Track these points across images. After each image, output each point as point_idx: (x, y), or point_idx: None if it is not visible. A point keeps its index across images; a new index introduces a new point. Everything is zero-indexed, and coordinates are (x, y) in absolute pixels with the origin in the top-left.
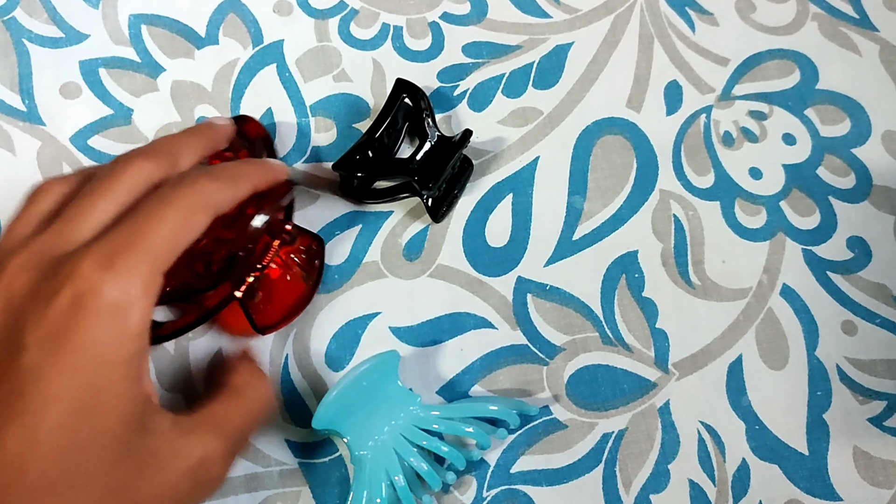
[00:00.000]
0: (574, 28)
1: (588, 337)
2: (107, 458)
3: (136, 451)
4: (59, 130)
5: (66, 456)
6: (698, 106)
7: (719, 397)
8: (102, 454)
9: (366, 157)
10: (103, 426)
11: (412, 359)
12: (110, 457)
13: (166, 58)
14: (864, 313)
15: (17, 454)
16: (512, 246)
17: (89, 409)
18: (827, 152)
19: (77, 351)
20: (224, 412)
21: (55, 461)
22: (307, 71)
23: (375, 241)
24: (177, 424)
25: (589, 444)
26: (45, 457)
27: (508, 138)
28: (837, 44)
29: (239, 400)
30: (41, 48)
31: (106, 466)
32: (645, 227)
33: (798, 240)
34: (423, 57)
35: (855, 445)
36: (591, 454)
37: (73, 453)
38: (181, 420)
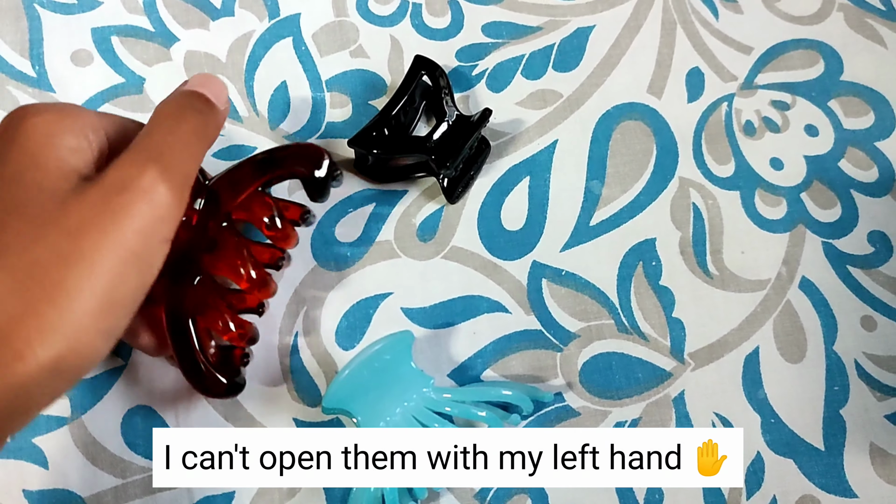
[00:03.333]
0: (596, 11)
1: (603, 324)
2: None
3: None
4: (69, 98)
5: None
6: (720, 94)
7: (735, 389)
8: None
9: (382, 134)
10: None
11: (424, 341)
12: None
13: (180, 28)
14: (883, 309)
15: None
16: (528, 230)
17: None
18: (850, 145)
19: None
20: (161, 139)
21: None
22: (323, 46)
23: (389, 220)
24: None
25: None
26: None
27: (527, 120)
28: (863, 35)
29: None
30: (53, 14)
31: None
32: (663, 214)
33: (818, 232)
34: (442, 35)
35: (872, 442)
36: None
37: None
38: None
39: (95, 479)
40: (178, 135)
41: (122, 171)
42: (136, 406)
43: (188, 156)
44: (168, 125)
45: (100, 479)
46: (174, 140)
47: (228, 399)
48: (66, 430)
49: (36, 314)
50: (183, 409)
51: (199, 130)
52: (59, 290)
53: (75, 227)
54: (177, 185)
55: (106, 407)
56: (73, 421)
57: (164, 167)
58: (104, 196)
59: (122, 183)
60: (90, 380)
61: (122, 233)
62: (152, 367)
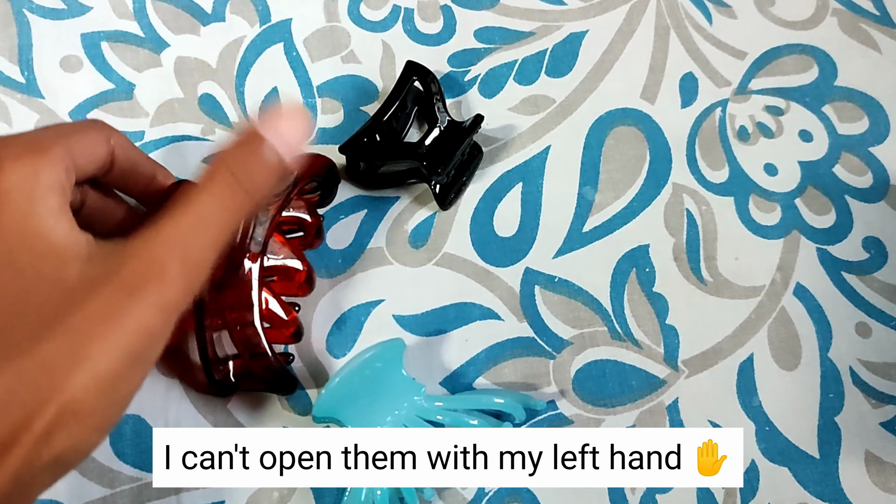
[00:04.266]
0: (589, 16)
1: (596, 331)
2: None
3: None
4: (59, 104)
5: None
6: (714, 99)
7: (729, 397)
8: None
9: (373, 140)
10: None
11: (416, 348)
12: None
13: (171, 33)
14: (878, 315)
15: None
16: (520, 236)
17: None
18: (844, 150)
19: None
20: (187, 229)
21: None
22: (315, 51)
23: (381, 226)
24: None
25: None
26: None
27: (519, 126)
28: (857, 40)
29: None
30: (42, 19)
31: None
32: (657, 220)
33: (813, 238)
34: (434, 40)
35: (867, 450)
36: None
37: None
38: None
39: (83, 490)
40: (207, 225)
41: (136, 265)
42: (125, 415)
43: (211, 248)
44: (199, 211)
45: (87, 490)
46: (202, 230)
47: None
48: None
49: (41, 416)
50: (173, 418)
51: (234, 217)
52: (64, 393)
53: (84, 328)
54: (192, 283)
55: None
56: None
57: (184, 263)
58: (115, 295)
59: (134, 281)
60: None
61: (130, 336)
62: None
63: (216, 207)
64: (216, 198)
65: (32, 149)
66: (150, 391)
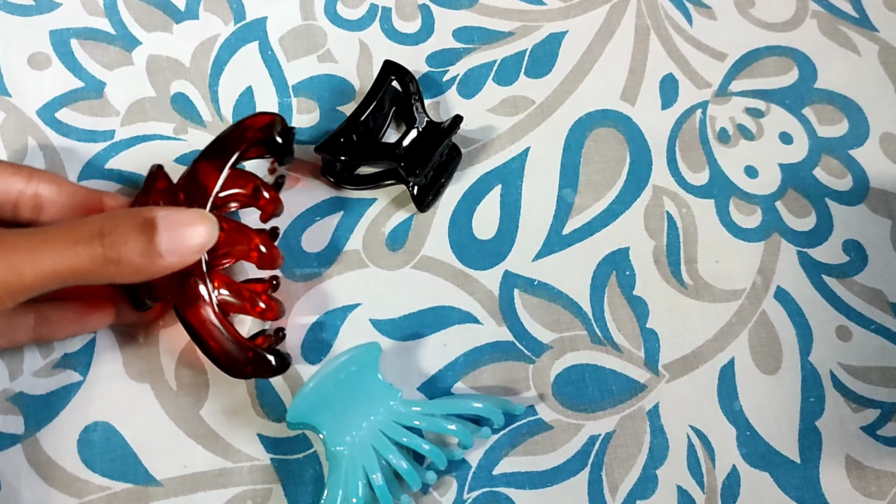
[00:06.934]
0: (569, 16)
1: (576, 335)
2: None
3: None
4: (26, 102)
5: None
6: (694, 101)
7: (710, 401)
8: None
9: (350, 140)
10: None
11: (393, 353)
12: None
13: (142, 31)
14: (858, 319)
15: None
16: (499, 239)
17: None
18: (824, 153)
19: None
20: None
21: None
22: (290, 50)
23: (357, 228)
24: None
25: (575, 446)
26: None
27: (498, 127)
28: (837, 42)
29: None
30: (9, 15)
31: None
32: (637, 223)
33: (793, 241)
34: (412, 40)
35: (847, 454)
36: (576, 457)
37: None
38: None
39: (50, 500)
40: (46, 261)
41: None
42: (93, 422)
43: (41, 282)
44: (50, 249)
45: (55, 500)
46: (39, 262)
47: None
48: (18, 448)
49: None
50: (143, 425)
51: (79, 272)
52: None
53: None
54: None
55: (62, 423)
56: (26, 438)
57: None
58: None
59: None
60: (45, 395)
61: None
62: (112, 381)
63: (65, 255)
64: (71, 250)
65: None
66: (119, 396)
